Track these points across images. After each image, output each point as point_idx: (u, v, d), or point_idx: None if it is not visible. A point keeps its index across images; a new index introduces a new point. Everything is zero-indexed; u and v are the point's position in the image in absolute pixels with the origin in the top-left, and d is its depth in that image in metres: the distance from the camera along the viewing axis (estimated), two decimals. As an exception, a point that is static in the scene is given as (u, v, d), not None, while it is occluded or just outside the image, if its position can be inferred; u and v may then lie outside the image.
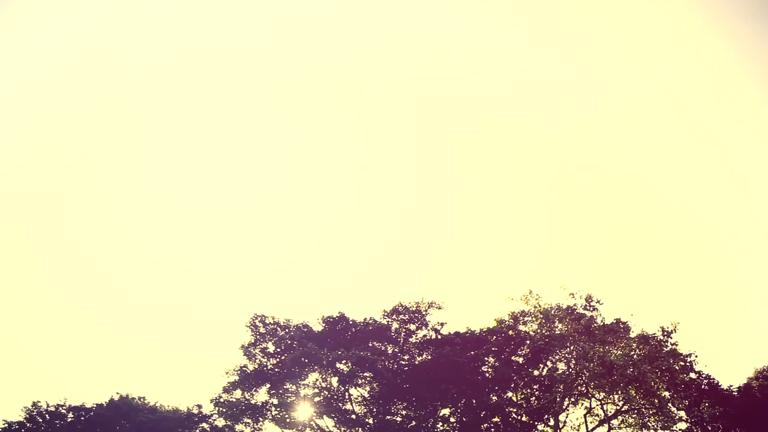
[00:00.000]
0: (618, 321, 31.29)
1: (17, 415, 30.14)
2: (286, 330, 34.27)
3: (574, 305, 32.53)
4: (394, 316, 35.12)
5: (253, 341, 33.92)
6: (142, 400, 33.15)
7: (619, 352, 30.35)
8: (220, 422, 32.69)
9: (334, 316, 34.80)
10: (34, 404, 30.36)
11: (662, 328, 30.46)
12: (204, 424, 32.71)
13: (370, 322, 34.68)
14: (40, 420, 30.08)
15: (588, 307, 32.41)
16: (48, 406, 30.58)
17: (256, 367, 33.34)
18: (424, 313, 35.06)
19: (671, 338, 30.10)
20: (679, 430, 29.91)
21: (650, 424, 30.03)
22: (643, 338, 30.46)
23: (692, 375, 29.54)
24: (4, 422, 29.88)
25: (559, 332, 31.97)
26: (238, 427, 32.63)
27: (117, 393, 32.72)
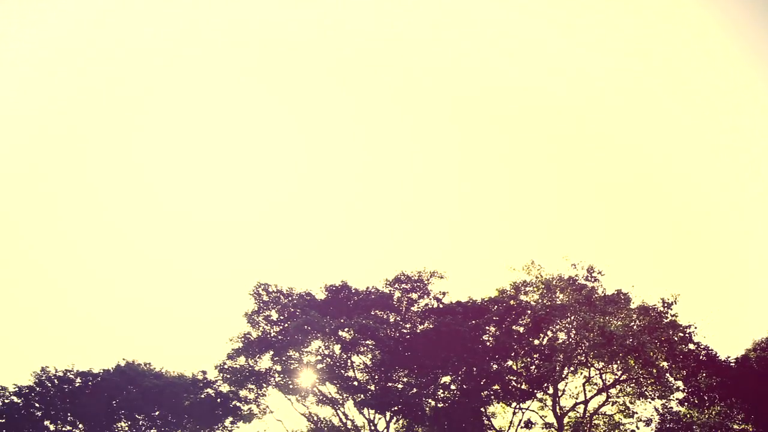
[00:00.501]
0: (619, 292, 31.44)
1: (27, 380, 30.81)
2: (289, 298, 34.58)
3: (576, 276, 32.69)
4: (396, 285, 35.36)
5: (256, 309, 34.26)
6: (147, 366, 33.70)
7: (619, 322, 30.58)
8: (225, 388, 33.22)
9: (337, 285, 35.06)
10: (43, 369, 30.92)
11: (663, 299, 30.63)
12: (209, 390, 33.25)
13: (373, 290, 34.93)
14: (49, 384, 30.68)
15: (589, 278, 32.57)
16: (56, 371, 31.13)
17: (260, 334, 33.73)
18: (426, 282, 35.28)
19: (671, 310, 30.31)
20: (676, 399, 30.38)
21: (648, 393, 30.47)
22: (644, 309, 30.67)
23: (691, 346, 29.80)
24: (14, 386, 30.50)
25: (560, 302, 32.17)
26: (242, 392, 33.20)
27: (123, 359, 33.26)
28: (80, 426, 30.92)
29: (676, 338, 29.80)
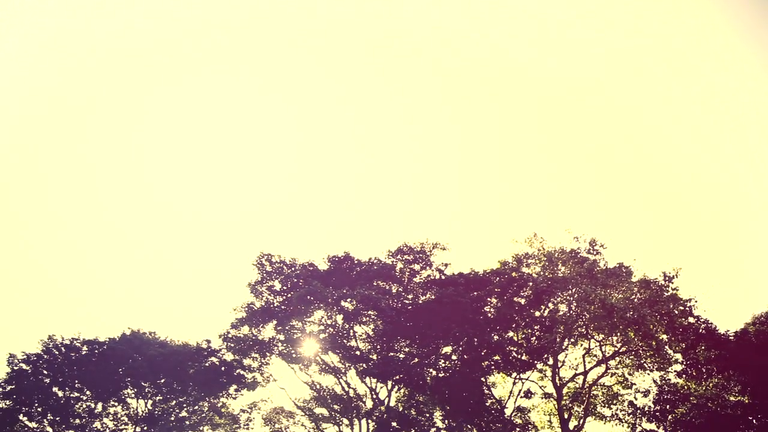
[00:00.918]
0: (621, 265, 31.54)
1: (35, 348, 31.23)
2: (292, 269, 34.74)
3: (578, 249, 32.79)
4: (398, 257, 35.50)
5: (259, 279, 34.46)
6: (152, 335, 34.12)
7: (620, 295, 30.74)
8: (229, 357, 33.61)
9: (340, 256, 35.18)
10: (50, 338, 31.32)
11: (664, 273, 30.73)
12: (213, 358, 33.65)
13: (375, 261, 35.06)
14: (56, 352, 31.11)
15: (591, 251, 32.67)
16: (63, 339, 31.56)
17: (263, 304, 33.99)
18: (428, 253, 35.40)
19: (672, 283, 30.43)
20: (674, 371, 30.73)
21: (647, 365, 30.81)
22: (645, 283, 30.80)
23: (691, 319, 29.97)
24: (23, 353, 30.94)
25: (561, 275, 32.28)
26: (246, 361, 33.63)
27: (128, 328, 33.71)
28: (87, 392, 31.46)
29: (676, 312, 29.96)
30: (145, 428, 31.32)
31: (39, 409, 30.28)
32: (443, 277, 34.68)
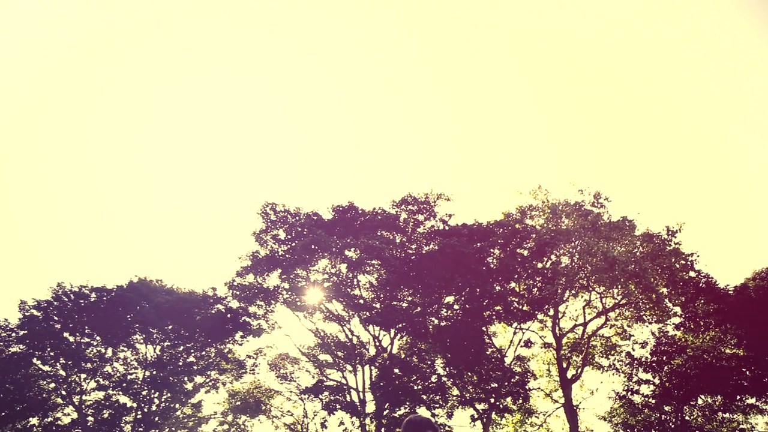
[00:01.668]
0: (624, 219, 31.51)
1: (45, 295, 31.78)
2: (297, 218, 34.86)
3: (582, 201, 32.71)
4: (402, 207, 35.55)
5: (264, 228, 34.62)
6: (159, 282, 34.62)
7: (622, 248, 30.83)
8: (234, 304, 34.10)
9: (344, 206, 35.20)
10: (59, 285, 31.77)
11: (667, 227, 30.75)
12: (219, 306, 34.22)
13: (379, 211, 35.10)
14: (66, 299, 31.62)
15: (596, 204, 32.59)
16: (72, 286, 32.06)
17: (268, 253, 34.25)
18: (432, 204, 35.42)
19: (675, 238, 30.48)
20: (673, 324, 31.23)
21: (646, 318, 31.22)
22: (648, 237, 30.88)
23: (692, 273, 30.20)
24: (33, 300, 31.52)
25: (565, 227, 32.28)
26: (252, 308, 34.16)
27: (135, 275, 34.18)
28: (97, 338, 32.19)
29: (677, 266, 30.14)
30: (154, 372, 32.21)
31: (51, 354, 31.08)
32: (447, 228, 34.78)
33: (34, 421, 31.07)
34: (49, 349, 30.98)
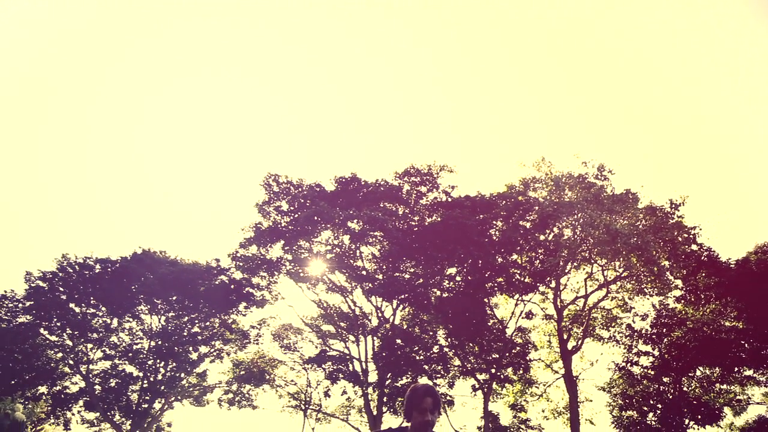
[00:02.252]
0: (628, 192, 31.41)
1: (49, 266, 32.02)
2: (299, 189, 34.85)
3: (586, 174, 32.58)
4: (405, 178, 35.45)
5: (267, 199, 34.65)
6: (163, 254, 34.76)
7: (625, 221, 30.83)
8: (238, 275, 34.29)
9: (347, 177, 35.14)
10: (64, 256, 31.97)
11: (671, 200, 30.68)
12: (223, 277, 34.42)
13: (382, 183, 35.02)
14: (71, 270, 31.86)
15: (599, 177, 32.47)
16: (76, 258, 32.27)
17: (271, 224, 34.31)
18: (435, 175, 35.32)
19: (678, 211, 30.44)
20: (673, 296, 31.37)
21: (647, 290, 31.36)
22: (651, 209, 30.83)
23: (694, 247, 30.21)
24: (39, 271, 31.76)
25: (568, 200, 32.20)
26: (255, 279, 34.36)
27: (139, 247, 34.34)
28: (103, 309, 32.53)
29: (680, 239, 30.16)
30: (160, 342, 32.62)
31: (58, 324, 31.44)
32: (450, 200, 34.77)
33: (43, 389, 31.69)
34: (55, 320, 31.34)
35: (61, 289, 31.68)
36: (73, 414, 31.85)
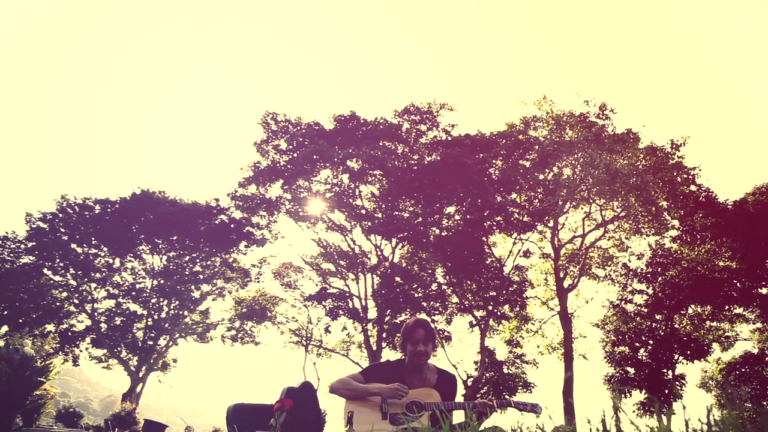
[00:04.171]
0: (629, 131, 31.20)
1: (49, 207, 32.01)
2: (298, 128, 34.45)
3: (587, 113, 32.25)
4: (405, 116, 35.03)
5: (265, 138, 34.30)
6: (162, 194, 34.66)
7: (625, 161, 30.75)
8: (238, 215, 34.37)
9: (346, 115, 34.67)
10: (63, 197, 31.91)
11: (672, 140, 30.51)
12: (222, 216, 34.50)
13: (381, 121, 34.62)
14: (71, 211, 31.87)
15: (601, 116, 32.16)
16: (76, 199, 32.22)
17: (269, 163, 34.11)
18: (435, 114, 34.88)
19: (679, 151, 30.35)
20: (670, 236, 31.70)
21: (644, 230, 31.66)
22: (651, 149, 30.71)
23: (692, 187, 30.25)
24: (39, 212, 31.77)
25: (568, 139, 31.99)
26: (255, 219, 34.45)
27: (138, 188, 34.21)
28: (104, 249, 32.79)
29: (679, 179, 30.19)
30: (162, 281, 33.10)
31: (61, 264, 31.77)
32: (449, 138, 34.46)
33: (50, 327, 32.37)
34: (58, 260, 31.61)
35: (62, 229, 31.79)
36: (81, 351, 32.77)
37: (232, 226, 34.24)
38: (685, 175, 30.33)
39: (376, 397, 4.38)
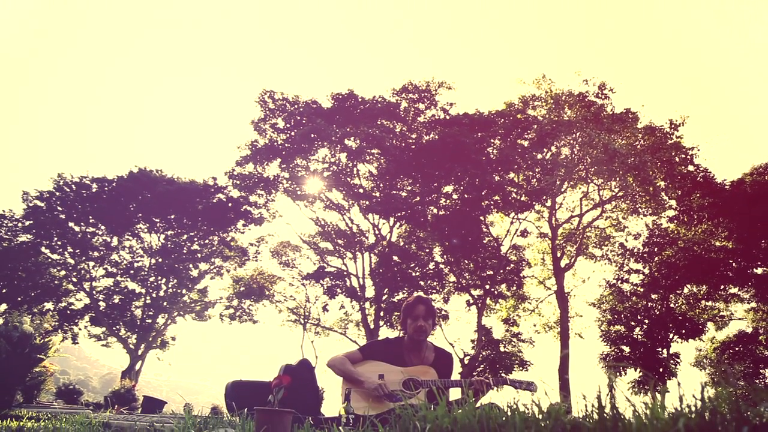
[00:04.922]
0: (628, 111, 31.09)
1: (46, 186, 31.90)
2: (295, 106, 34.26)
3: (586, 92, 32.09)
4: (403, 95, 34.85)
5: (263, 117, 34.12)
6: (159, 172, 34.55)
7: (623, 141, 30.70)
8: (235, 193, 34.30)
9: (343, 94, 34.48)
10: (60, 176, 31.80)
11: (670, 120, 30.42)
12: (220, 195, 34.44)
13: (379, 100, 34.43)
14: (68, 190, 31.78)
15: (600, 95, 32.00)
16: (72, 177, 32.10)
17: (267, 142, 33.98)
18: (433, 92, 34.70)
19: (677, 131, 30.29)
20: (667, 216, 31.79)
21: (641, 210, 31.70)
22: (650, 129, 30.63)
23: (690, 167, 30.25)
24: (36, 191, 31.70)
25: (567, 118, 31.90)
26: (252, 197, 34.42)
27: (135, 166, 34.07)
28: (102, 227, 32.79)
29: (677, 159, 30.17)
30: (160, 260, 33.15)
31: (59, 243, 31.80)
32: (448, 117, 34.33)
33: (49, 305, 32.48)
34: (55, 239, 31.63)
35: (60, 208, 31.74)
36: (80, 329, 32.92)
37: (230, 204, 34.20)
38: (683, 156, 30.31)
39: (373, 375, 4.44)
